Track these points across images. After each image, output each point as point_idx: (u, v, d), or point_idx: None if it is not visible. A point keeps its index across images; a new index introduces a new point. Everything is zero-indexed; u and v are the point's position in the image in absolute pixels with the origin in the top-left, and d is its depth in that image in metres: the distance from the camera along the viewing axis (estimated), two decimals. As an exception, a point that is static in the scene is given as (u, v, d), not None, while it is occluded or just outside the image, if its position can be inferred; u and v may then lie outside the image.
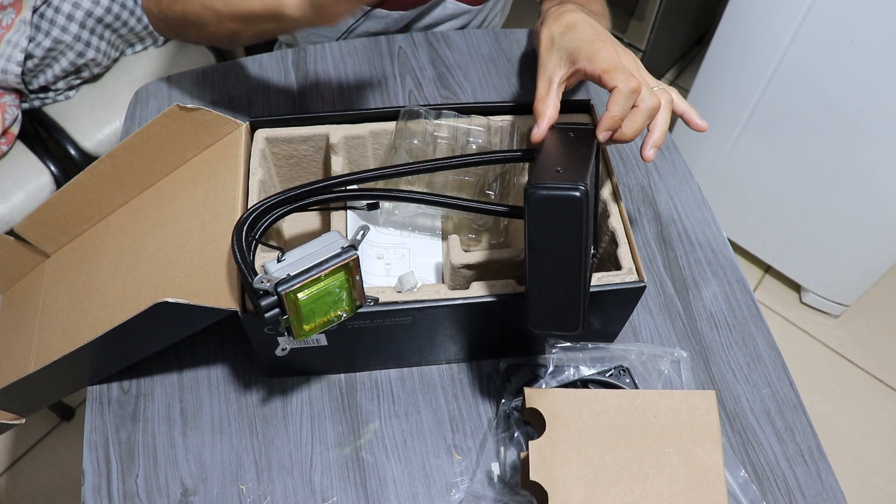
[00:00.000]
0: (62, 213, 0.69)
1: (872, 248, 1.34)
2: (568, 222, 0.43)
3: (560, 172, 0.45)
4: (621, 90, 0.50)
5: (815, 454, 0.61)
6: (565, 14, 0.59)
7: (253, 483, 0.58)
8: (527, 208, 0.43)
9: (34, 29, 1.17)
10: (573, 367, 0.60)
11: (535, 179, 0.44)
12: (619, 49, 0.55)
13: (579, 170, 0.46)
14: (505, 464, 0.58)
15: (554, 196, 0.43)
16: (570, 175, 0.44)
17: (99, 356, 0.58)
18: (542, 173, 0.45)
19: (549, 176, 0.44)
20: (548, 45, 0.58)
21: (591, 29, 0.56)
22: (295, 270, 0.46)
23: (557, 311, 0.47)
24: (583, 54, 0.54)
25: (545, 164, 0.47)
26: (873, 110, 1.15)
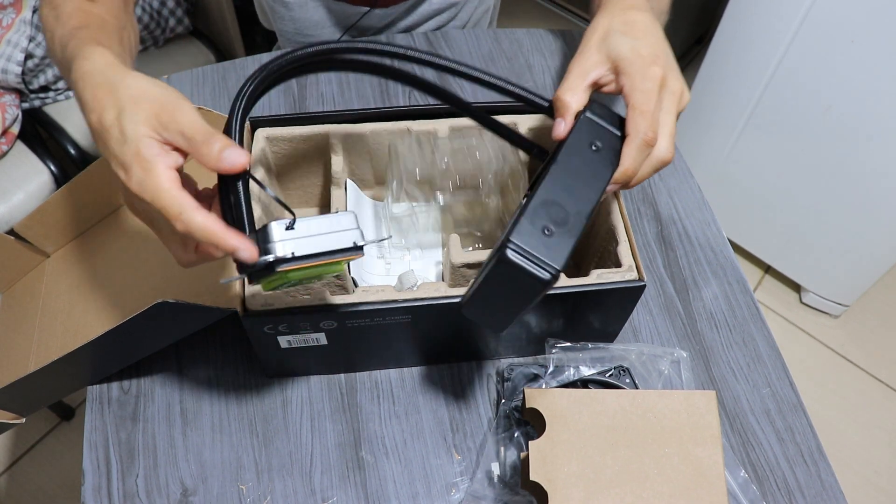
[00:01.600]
0: (62, 213, 0.69)
1: (872, 248, 1.34)
2: (523, 295, 0.44)
3: (547, 235, 0.43)
4: (637, 140, 0.47)
5: (815, 454, 0.61)
6: (632, 11, 0.53)
7: (253, 483, 0.58)
8: (494, 261, 0.43)
9: (34, 29, 1.17)
10: (573, 367, 0.60)
11: (518, 235, 0.42)
12: (670, 76, 0.50)
13: (568, 236, 0.44)
14: (505, 464, 0.58)
15: (524, 269, 0.42)
16: (555, 243, 0.43)
17: (99, 356, 0.58)
18: (529, 226, 0.43)
19: (533, 236, 0.43)
20: (599, 38, 0.52)
21: (652, 44, 0.51)
22: (300, 251, 0.42)
23: (491, 316, 0.46)
24: (629, 73, 0.49)
25: (538, 212, 0.44)
26: (873, 110, 1.15)
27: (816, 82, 1.19)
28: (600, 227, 0.62)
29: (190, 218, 0.38)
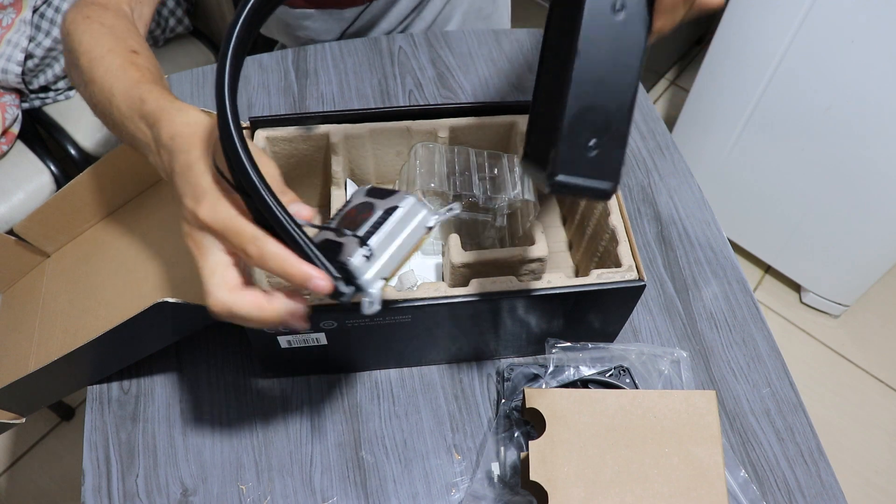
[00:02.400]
0: (62, 213, 0.69)
1: (872, 248, 1.34)
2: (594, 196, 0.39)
3: (593, 151, 0.36)
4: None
5: (815, 454, 0.61)
6: None
7: (253, 483, 0.58)
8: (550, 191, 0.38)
9: (34, 29, 1.17)
10: (573, 367, 0.60)
11: (564, 166, 0.35)
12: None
13: (616, 144, 0.36)
14: (505, 464, 0.58)
15: (581, 186, 0.37)
16: (604, 158, 0.36)
17: (99, 356, 0.58)
18: (570, 150, 0.36)
19: (578, 161, 0.36)
20: None
21: None
22: (387, 270, 0.39)
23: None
24: None
25: (575, 129, 0.36)
26: (873, 110, 1.15)
27: (816, 82, 1.19)
28: (600, 227, 0.62)
29: (264, 243, 0.37)
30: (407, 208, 0.40)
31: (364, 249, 0.38)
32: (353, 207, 0.43)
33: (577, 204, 0.68)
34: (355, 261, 0.38)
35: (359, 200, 0.43)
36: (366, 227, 0.40)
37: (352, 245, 0.39)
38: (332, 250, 0.40)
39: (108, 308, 0.64)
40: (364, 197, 0.44)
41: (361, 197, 0.44)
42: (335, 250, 0.40)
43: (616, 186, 0.37)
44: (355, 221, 0.41)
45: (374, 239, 0.39)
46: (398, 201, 0.41)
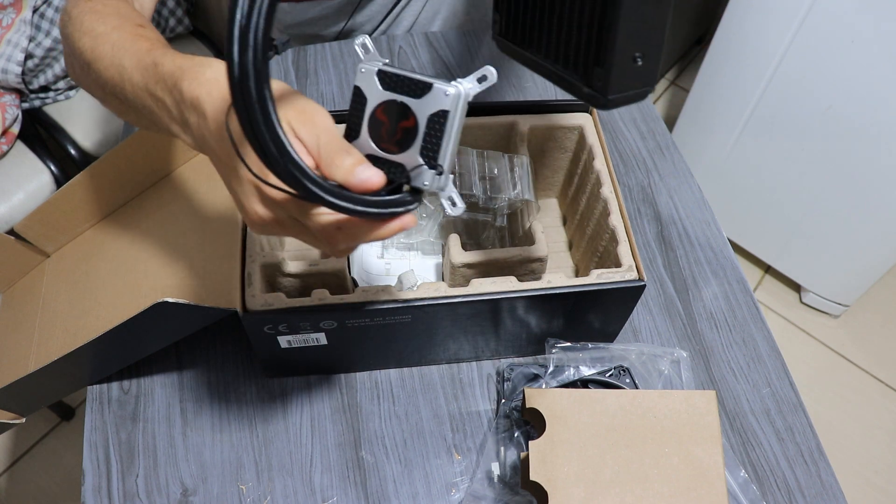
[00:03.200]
0: (62, 213, 0.69)
1: (872, 248, 1.34)
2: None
3: (637, 61, 0.36)
4: None
5: (815, 454, 0.61)
6: None
7: (253, 483, 0.58)
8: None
9: (34, 29, 1.17)
10: (573, 367, 0.60)
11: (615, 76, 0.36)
12: None
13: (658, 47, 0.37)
14: (505, 464, 0.58)
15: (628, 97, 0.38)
16: (647, 62, 0.37)
17: (99, 356, 0.58)
18: (622, 64, 0.36)
19: (626, 69, 0.36)
20: None
21: None
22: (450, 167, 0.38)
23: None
24: None
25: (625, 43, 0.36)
26: (873, 110, 1.14)
27: (816, 82, 1.19)
28: (600, 227, 0.62)
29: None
30: (456, 106, 0.37)
31: (435, 170, 0.37)
32: (381, 109, 0.38)
33: (578, 204, 0.68)
34: (429, 183, 0.38)
35: (379, 97, 0.38)
36: (418, 143, 0.37)
37: (412, 159, 0.37)
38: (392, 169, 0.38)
39: (108, 308, 0.64)
40: (384, 91, 0.38)
41: (378, 90, 0.39)
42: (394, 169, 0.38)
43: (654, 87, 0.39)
44: (395, 132, 0.38)
45: (441, 156, 0.37)
46: (439, 102, 0.37)
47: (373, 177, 0.36)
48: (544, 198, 0.76)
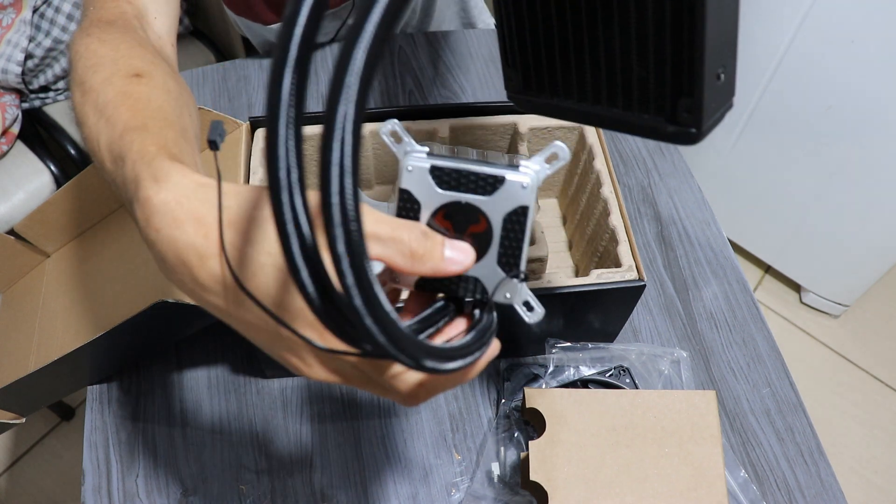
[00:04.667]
0: (62, 213, 0.69)
1: (872, 248, 1.34)
2: None
3: (720, 78, 0.32)
4: None
5: (815, 454, 0.61)
6: None
7: (253, 483, 0.58)
8: None
9: (34, 29, 1.17)
10: (573, 367, 0.60)
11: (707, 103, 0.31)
12: None
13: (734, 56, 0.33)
14: (505, 464, 0.58)
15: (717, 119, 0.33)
16: (727, 75, 0.32)
17: (99, 356, 0.58)
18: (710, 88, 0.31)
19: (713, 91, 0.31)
20: None
21: None
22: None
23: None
24: None
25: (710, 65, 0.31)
26: (873, 110, 1.15)
27: (816, 82, 1.19)
28: (600, 227, 0.62)
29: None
30: (533, 199, 0.32)
31: (517, 279, 0.32)
32: (441, 214, 0.32)
33: (578, 204, 0.68)
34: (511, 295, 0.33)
35: (438, 200, 0.32)
36: (494, 250, 0.32)
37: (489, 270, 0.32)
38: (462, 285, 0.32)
39: (108, 308, 0.64)
40: (443, 192, 0.32)
41: (434, 191, 0.32)
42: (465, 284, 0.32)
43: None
44: (462, 237, 0.32)
45: (522, 261, 0.32)
46: (516, 197, 0.31)
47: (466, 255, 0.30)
48: (544, 198, 0.76)
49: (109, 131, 0.35)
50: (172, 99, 0.39)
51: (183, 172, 0.30)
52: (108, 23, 0.45)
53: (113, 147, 0.35)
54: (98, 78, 0.39)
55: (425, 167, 0.31)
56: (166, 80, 0.40)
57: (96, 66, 0.40)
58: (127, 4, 0.48)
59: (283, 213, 0.21)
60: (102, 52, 0.41)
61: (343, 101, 0.22)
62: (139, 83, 0.39)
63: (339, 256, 0.21)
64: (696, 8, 0.29)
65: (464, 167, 0.31)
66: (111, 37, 0.43)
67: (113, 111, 0.36)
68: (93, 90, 0.38)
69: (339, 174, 0.21)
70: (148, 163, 0.31)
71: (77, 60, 0.42)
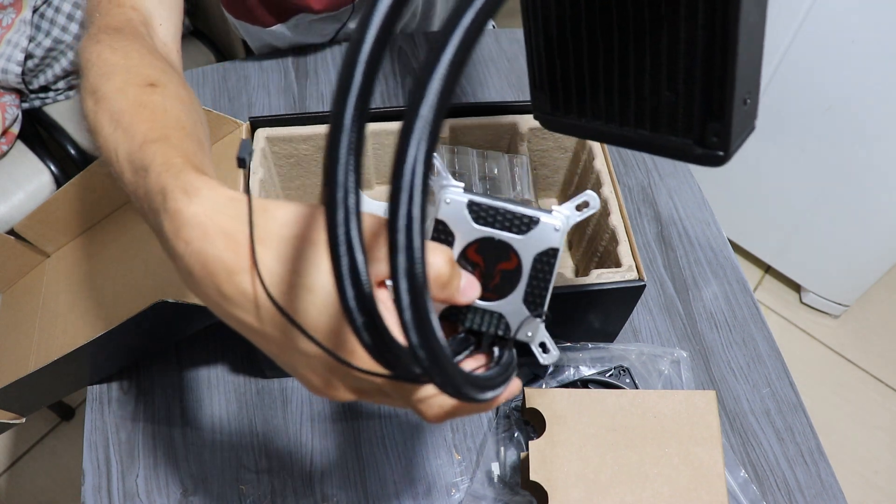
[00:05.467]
0: (62, 213, 0.69)
1: (872, 248, 1.34)
2: None
3: (745, 103, 0.33)
4: None
5: (815, 454, 0.61)
6: None
7: (253, 483, 0.58)
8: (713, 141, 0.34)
9: (34, 29, 1.17)
10: (573, 367, 0.60)
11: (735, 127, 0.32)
12: None
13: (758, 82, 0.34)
14: (505, 464, 0.58)
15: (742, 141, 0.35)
16: (752, 101, 0.34)
17: (99, 356, 0.58)
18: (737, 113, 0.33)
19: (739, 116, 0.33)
20: None
21: None
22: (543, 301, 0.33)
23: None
24: None
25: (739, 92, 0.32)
26: (873, 110, 1.15)
27: (816, 82, 1.19)
28: (600, 227, 0.62)
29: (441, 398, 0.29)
30: (563, 243, 0.33)
31: (540, 318, 0.33)
32: (474, 248, 0.33)
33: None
34: (532, 334, 0.33)
35: (472, 234, 0.33)
36: (522, 288, 0.32)
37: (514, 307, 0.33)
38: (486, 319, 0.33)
39: (108, 308, 0.64)
40: (477, 227, 0.33)
41: (470, 225, 0.33)
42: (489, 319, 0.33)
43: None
44: (493, 275, 0.33)
45: (546, 302, 0.33)
46: (548, 239, 0.32)
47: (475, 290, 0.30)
48: (544, 198, 0.76)
49: (128, 142, 0.35)
50: (186, 108, 0.39)
51: (212, 186, 0.30)
52: (117, 30, 0.45)
53: (133, 158, 0.34)
54: (111, 87, 0.39)
55: (463, 201, 0.32)
56: (178, 89, 0.41)
57: (109, 74, 0.40)
58: (133, 11, 0.48)
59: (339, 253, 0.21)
60: (114, 61, 0.41)
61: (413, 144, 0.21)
62: (153, 93, 0.39)
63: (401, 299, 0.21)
64: (730, 36, 0.30)
65: (501, 205, 0.32)
66: (121, 45, 0.43)
67: (130, 121, 0.36)
68: (106, 99, 0.38)
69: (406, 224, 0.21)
70: (175, 175, 0.31)
71: (89, 68, 0.41)
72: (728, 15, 0.30)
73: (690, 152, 0.34)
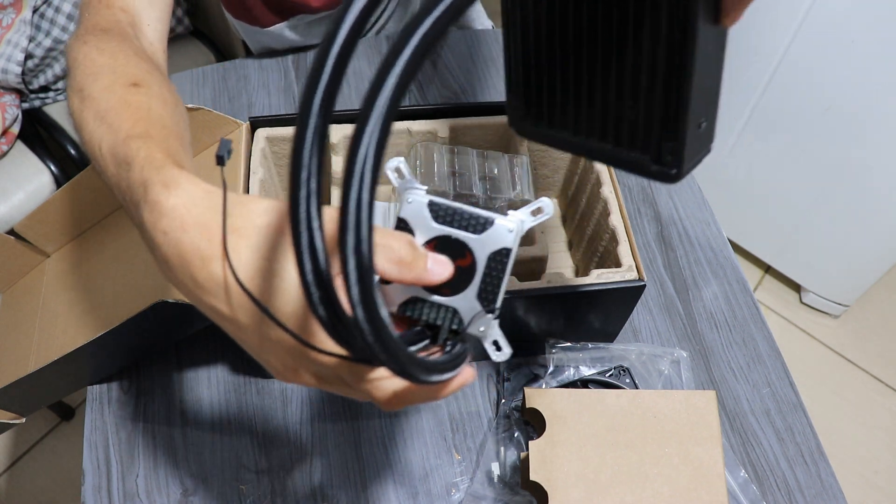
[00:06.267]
0: (62, 213, 0.69)
1: (872, 248, 1.34)
2: None
3: (701, 127, 0.35)
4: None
5: (815, 454, 0.61)
6: None
7: (253, 483, 0.58)
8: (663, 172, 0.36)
9: (34, 29, 1.17)
10: (573, 367, 0.60)
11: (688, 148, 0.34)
12: None
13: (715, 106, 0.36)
14: (505, 464, 0.58)
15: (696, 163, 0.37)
16: (708, 124, 0.36)
17: (99, 356, 0.58)
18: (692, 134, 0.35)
19: (694, 138, 0.35)
20: None
21: None
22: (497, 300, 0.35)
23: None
24: None
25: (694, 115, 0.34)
26: (873, 110, 1.15)
27: (816, 82, 1.19)
28: (600, 227, 0.62)
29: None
30: (516, 244, 0.35)
31: (492, 314, 0.34)
32: (432, 246, 0.35)
33: (578, 203, 0.68)
34: (484, 329, 0.35)
35: (431, 232, 0.35)
36: (476, 284, 0.34)
37: (468, 303, 0.34)
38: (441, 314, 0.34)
39: (108, 308, 0.64)
40: (437, 226, 0.35)
41: (429, 224, 0.35)
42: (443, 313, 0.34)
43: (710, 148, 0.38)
44: None
45: (499, 299, 0.34)
46: (502, 239, 0.34)
47: (445, 268, 0.32)
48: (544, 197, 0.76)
49: (112, 137, 0.37)
50: (170, 108, 0.41)
51: (191, 180, 0.32)
52: (104, 31, 0.47)
53: (117, 152, 0.36)
54: (98, 86, 0.40)
55: (424, 201, 0.34)
56: (162, 90, 0.42)
57: (96, 74, 0.41)
58: (122, 13, 0.49)
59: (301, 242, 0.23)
60: (101, 62, 0.42)
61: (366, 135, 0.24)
62: (138, 92, 0.40)
63: (349, 274, 0.23)
64: (686, 63, 0.32)
65: (459, 206, 0.34)
66: (109, 46, 0.44)
67: (114, 118, 0.38)
68: (92, 97, 0.40)
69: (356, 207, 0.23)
70: (157, 169, 0.32)
71: (76, 68, 0.43)
72: (686, 43, 0.32)
73: (647, 168, 0.37)
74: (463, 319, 0.34)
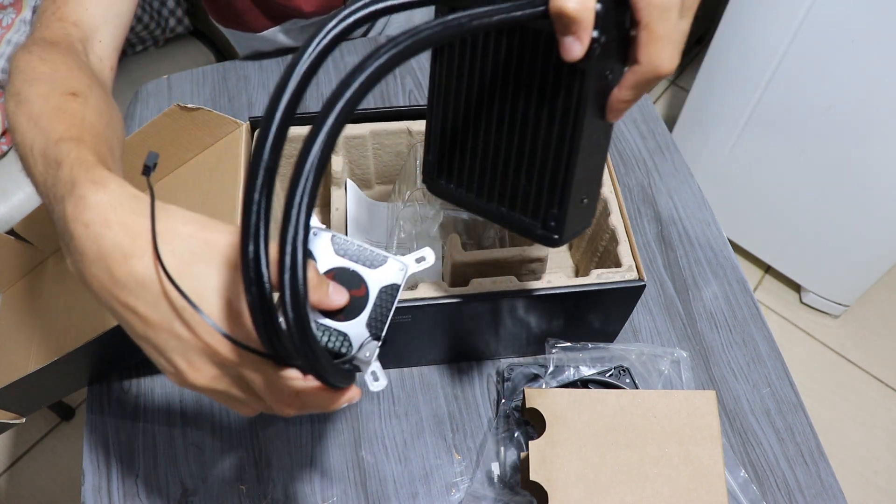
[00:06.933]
0: (62, 213, 0.69)
1: (872, 248, 1.34)
2: None
3: (582, 202, 0.42)
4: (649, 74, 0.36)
5: (815, 454, 0.61)
6: None
7: (253, 483, 0.58)
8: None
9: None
10: (573, 367, 0.60)
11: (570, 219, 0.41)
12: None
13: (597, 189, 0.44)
14: (505, 464, 0.58)
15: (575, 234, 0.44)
16: (590, 202, 0.43)
17: (99, 356, 0.58)
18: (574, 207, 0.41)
19: (575, 211, 0.42)
20: None
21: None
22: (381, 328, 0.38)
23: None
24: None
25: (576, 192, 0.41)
26: (873, 110, 1.14)
27: (816, 82, 1.19)
28: (600, 227, 0.62)
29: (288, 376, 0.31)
30: (404, 282, 0.39)
31: (378, 342, 0.37)
32: (331, 275, 0.38)
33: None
34: (370, 355, 0.37)
35: (331, 263, 0.38)
36: (366, 314, 0.38)
37: (358, 329, 0.37)
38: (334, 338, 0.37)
39: (108, 308, 0.64)
40: (336, 257, 0.38)
41: (330, 254, 0.38)
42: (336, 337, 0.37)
43: None
44: None
45: (385, 329, 0.38)
46: (393, 275, 0.38)
47: (342, 296, 0.35)
48: (544, 198, 0.76)
49: (44, 139, 0.37)
50: (104, 120, 0.41)
51: (120, 183, 0.33)
52: (52, 43, 0.47)
53: (48, 153, 0.36)
54: (34, 92, 0.41)
55: (329, 234, 0.38)
56: (99, 103, 0.43)
57: (34, 80, 0.42)
58: (73, 27, 0.50)
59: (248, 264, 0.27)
60: (42, 70, 0.43)
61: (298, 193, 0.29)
62: (74, 101, 0.41)
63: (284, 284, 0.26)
64: (573, 153, 0.39)
65: (358, 244, 0.39)
66: (52, 57, 0.45)
67: (48, 122, 0.38)
68: (28, 101, 0.40)
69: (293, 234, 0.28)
70: (87, 169, 0.33)
71: (16, 74, 0.43)
72: (575, 134, 0.38)
73: (534, 232, 0.43)
74: (353, 344, 0.37)
